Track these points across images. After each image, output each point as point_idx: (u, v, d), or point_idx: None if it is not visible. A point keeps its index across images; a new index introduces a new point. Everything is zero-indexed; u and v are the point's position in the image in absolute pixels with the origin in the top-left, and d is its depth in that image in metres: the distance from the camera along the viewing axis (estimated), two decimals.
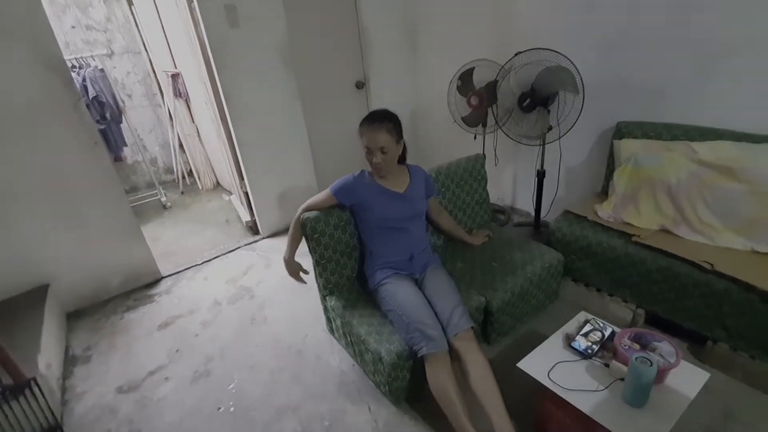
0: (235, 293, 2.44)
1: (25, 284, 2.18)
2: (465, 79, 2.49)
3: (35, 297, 2.14)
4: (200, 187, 4.27)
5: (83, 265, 2.37)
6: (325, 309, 1.92)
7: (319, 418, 1.60)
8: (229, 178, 3.51)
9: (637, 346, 1.28)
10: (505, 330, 1.84)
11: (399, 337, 1.52)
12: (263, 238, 3.05)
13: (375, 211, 1.67)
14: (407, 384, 1.57)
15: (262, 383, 1.79)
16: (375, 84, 3.30)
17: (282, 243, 1.73)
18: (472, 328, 1.52)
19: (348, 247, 1.78)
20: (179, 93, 3.86)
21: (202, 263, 2.81)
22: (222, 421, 1.64)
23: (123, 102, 3.74)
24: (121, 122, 3.65)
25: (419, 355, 1.45)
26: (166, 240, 3.21)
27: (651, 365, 1.12)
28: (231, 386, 1.79)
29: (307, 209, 1.71)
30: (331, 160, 3.24)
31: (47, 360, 1.83)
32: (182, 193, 4.22)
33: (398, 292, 1.60)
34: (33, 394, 1.57)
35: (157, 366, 1.95)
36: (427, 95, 3.36)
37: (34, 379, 1.58)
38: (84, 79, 3.28)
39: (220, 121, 2.79)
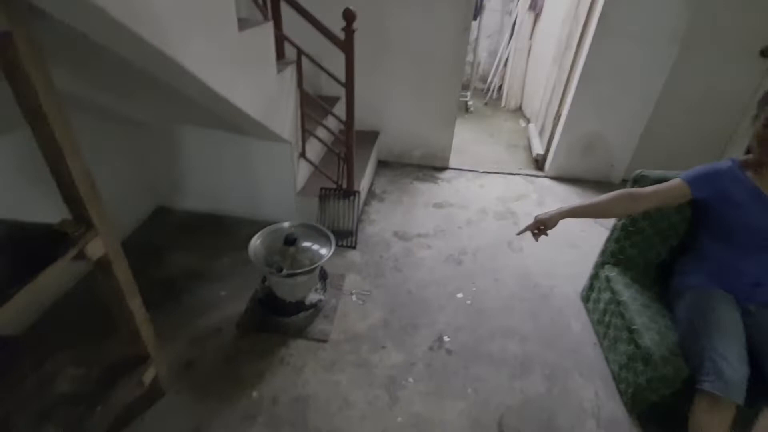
0: (502, 211, 2.51)
1: (368, 126, 2.82)
2: None
3: (371, 138, 2.75)
4: (502, 105, 4.34)
5: (403, 127, 2.85)
6: (595, 276, 1.75)
7: (542, 362, 1.58)
8: (539, 106, 3.40)
9: None
10: None
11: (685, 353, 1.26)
12: (545, 177, 2.93)
13: (740, 216, 1.29)
14: (655, 401, 1.33)
15: (500, 299, 1.87)
16: None
17: (563, 190, 1.56)
18: None
19: (671, 229, 1.50)
20: (534, 5, 3.77)
21: (482, 172, 2.96)
22: (458, 305, 1.82)
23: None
24: (474, 19, 3.88)
25: (697, 387, 1.18)
26: (460, 139, 3.47)
27: None
28: (473, 284, 1.94)
29: (634, 196, 1.37)
30: (667, 133, 2.70)
31: (363, 185, 2.37)
32: (485, 104, 4.40)
33: (711, 307, 1.28)
34: (354, 201, 2.09)
35: (425, 232, 2.28)
36: None
37: (358, 192, 2.09)
38: None
39: (575, 44, 2.60)
